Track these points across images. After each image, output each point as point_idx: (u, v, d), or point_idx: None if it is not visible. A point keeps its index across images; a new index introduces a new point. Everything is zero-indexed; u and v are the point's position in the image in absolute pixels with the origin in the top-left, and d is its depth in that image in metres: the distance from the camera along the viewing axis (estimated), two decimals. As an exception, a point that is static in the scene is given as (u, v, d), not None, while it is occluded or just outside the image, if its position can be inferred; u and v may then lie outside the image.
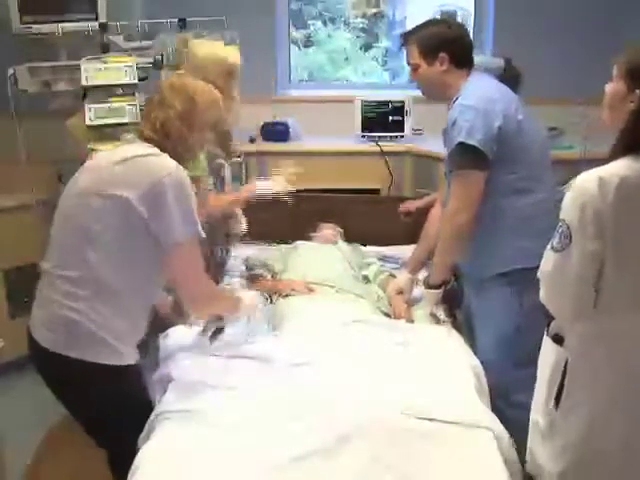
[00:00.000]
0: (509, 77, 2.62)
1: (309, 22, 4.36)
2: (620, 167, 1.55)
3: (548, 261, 1.66)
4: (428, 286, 2.39)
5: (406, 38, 2.33)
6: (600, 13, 3.61)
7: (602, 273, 1.59)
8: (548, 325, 1.77)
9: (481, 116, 2.11)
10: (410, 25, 2.62)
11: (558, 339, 1.71)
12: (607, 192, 1.52)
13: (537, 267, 1.73)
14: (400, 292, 2.55)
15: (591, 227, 1.55)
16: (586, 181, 1.56)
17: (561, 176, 1.81)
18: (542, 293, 1.70)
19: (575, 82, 2.05)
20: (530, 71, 2.96)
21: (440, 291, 2.39)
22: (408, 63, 2.34)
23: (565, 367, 1.68)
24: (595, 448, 1.68)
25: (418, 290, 2.56)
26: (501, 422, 1.92)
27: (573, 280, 1.60)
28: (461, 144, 2.12)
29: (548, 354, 1.75)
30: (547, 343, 1.77)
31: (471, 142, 2.11)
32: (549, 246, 1.66)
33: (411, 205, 2.99)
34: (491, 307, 2.28)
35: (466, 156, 2.13)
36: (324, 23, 4.39)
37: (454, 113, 2.17)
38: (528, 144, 2.20)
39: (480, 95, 2.17)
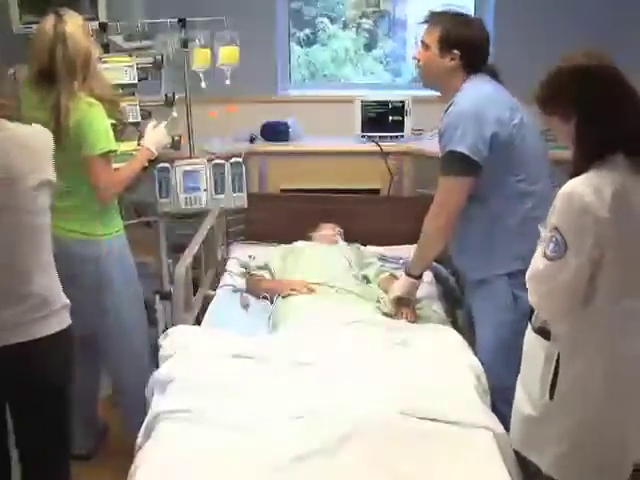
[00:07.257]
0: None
1: (318, 19, 4.35)
2: (605, 177, 1.58)
3: (540, 268, 1.67)
4: (407, 274, 2.45)
5: (434, 18, 2.33)
6: (602, 13, 3.60)
7: (596, 273, 1.61)
8: (530, 318, 1.81)
9: (472, 123, 2.15)
10: (411, 25, 2.61)
11: (544, 332, 1.75)
12: (604, 199, 1.55)
13: None
14: (402, 298, 2.52)
15: (590, 236, 1.56)
16: (580, 188, 1.58)
17: (559, 176, 1.82)
18: (532, 297, 1.73)
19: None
20: (530, 71, 2.94)
21: (418, 282, 2.46)
22: (422, 41, 2.34)
23: (557, 361, 1.71)
24: (592, 430, 1.72)
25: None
26: (501, 422, 1.92)
27: (567, 285, 1.63)
28: (451, 151, 2.17)
29: (536, 349, 1.78)
30: (532, 338, 1.80)
31: (460, 149, 2.15)
32: (540, 253, 1.68)
33: None
34: (491, 308, 2.28)
35: (455, 163, 2.19)
36: (331, 21, 4.38)
37: (447, 120, 2.22)
38: (527, 146, 2.22)
39: (474, 102, 2.20)
